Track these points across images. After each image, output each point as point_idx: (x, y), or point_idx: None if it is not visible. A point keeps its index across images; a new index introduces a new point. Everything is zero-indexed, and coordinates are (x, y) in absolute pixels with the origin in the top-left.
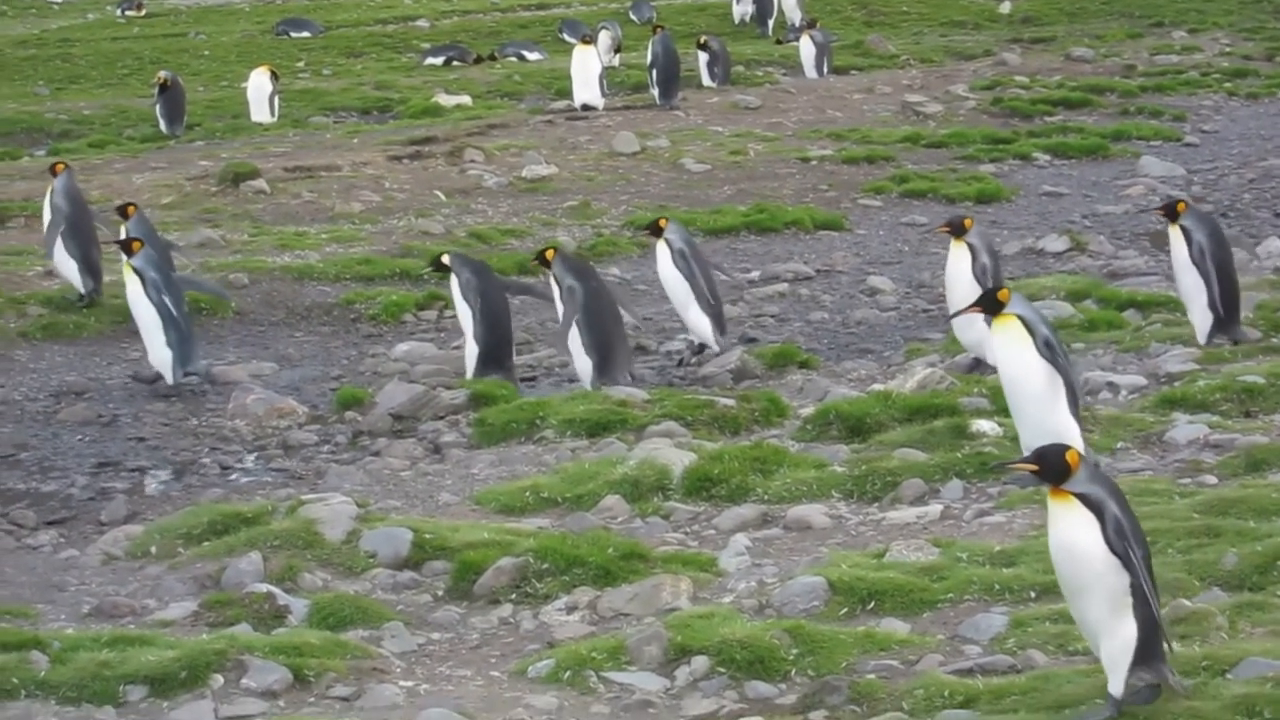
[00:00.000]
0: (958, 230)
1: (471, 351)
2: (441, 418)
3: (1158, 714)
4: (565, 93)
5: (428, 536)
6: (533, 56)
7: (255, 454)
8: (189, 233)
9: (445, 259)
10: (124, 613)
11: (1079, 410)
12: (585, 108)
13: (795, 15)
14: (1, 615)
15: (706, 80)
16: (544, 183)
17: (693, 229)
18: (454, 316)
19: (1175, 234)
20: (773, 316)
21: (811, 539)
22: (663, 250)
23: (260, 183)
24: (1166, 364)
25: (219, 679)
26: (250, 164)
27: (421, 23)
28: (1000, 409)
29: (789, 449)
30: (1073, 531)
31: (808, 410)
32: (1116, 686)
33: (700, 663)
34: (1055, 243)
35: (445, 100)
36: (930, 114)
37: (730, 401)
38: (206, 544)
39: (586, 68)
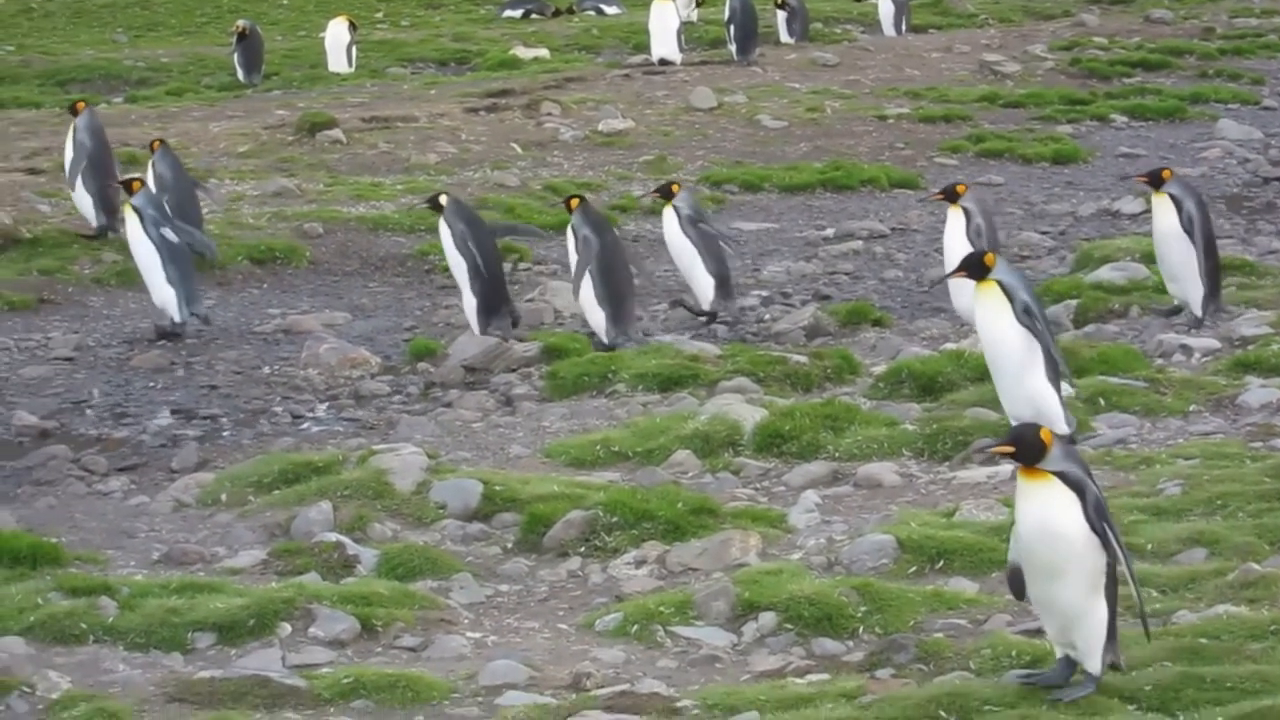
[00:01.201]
0: (952, 196)
1: (470, 304)
2: (514, 370)
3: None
4: (643, 47)
5: (498, 488)
6: (611, 10)
7: (327, 403)
8: (265, 181)
9: (443, 200)
10: (193, 560)
11: (1059, 378)
12: (663, 62)
13: None
14: (71, 561)
15: (784, 37)
16: (620, 137)
17: (768, 185)
18: (529, 269)
19: (1162, 202)
20: (846, 274)
21: (881, 497)
22: (670, 216)
23: (336, 133)
24: (1240, 327)
25: (287, 627)
26: (327, 114)
27: None
28: (1073, 370)
29: (860, 406)
30: (1052, 511)
31: (880, 368)
32: (1095, 665)
33: (768, 619)
34: (1131, 204)
35: (523, 53)
36: (1008, 74)
37: (802, 358)
38: (277, 492)
39: (664, 22)
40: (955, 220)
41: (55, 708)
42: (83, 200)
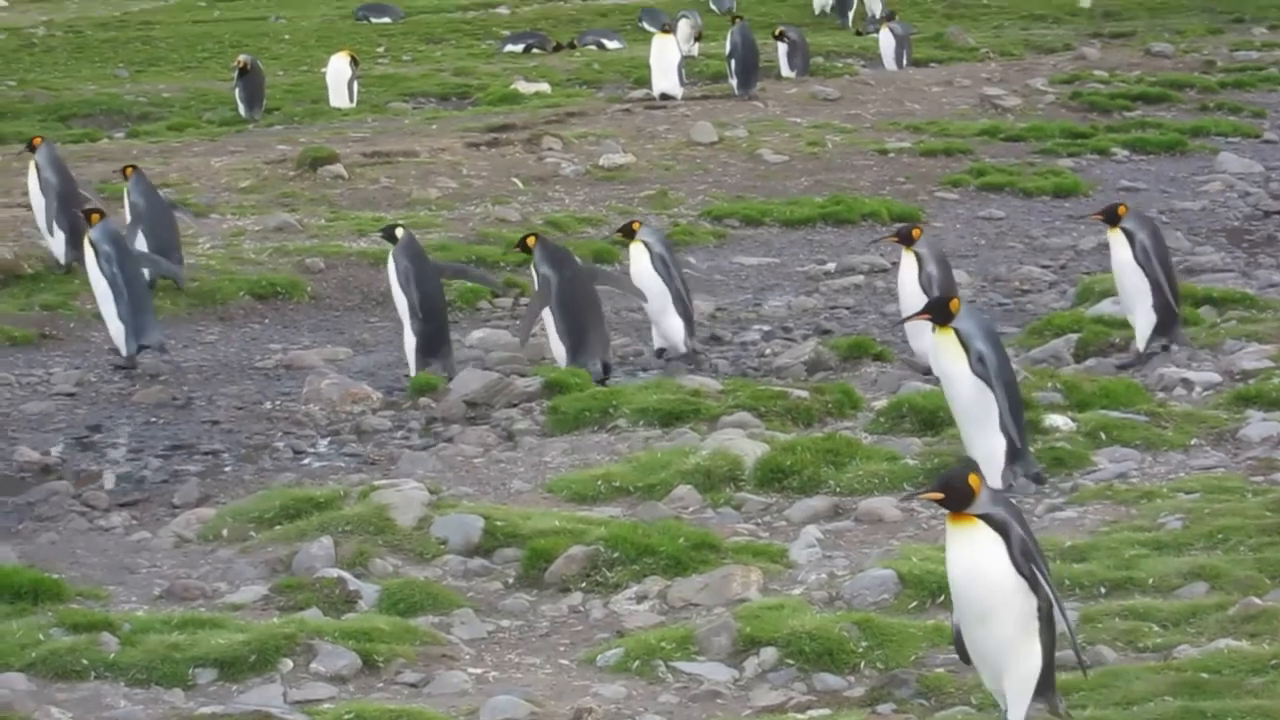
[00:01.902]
0: (906, 239)
1: (409, 342)
2: (515, 405)
3: None
4: (644, 81)
5: (499, 524)
6: (612, 45)
7: (328, 439)
8: (266, 216)
9: (398, 233)
10: (195, 595)
11: (1021, 424)
12: (664, 97)
13: (875, 7)
14: (73, 596)
15: (785, 71)
16: (621, 171)
17: (769, 219)
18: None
19: (1117, 237)
20: (847, 308)
21: (883, 532)
22: (639, 253)
23: (338, 168)
24: (1241, 360)
25: (288, 663)
26: (328, 149)
27: (501, 9)
28: (1074, 404)
29: (862, 441)
30: (978, 554)
31: (881, 402)
32: (1018, 715)
33: (769, 654)
34: None
35: (524, 87)
36: (1009, 107)
37: (804, 393)
38: (278, 528)
39: (665, 57)
40: (909, 265)
41: None
42: (56, 240)
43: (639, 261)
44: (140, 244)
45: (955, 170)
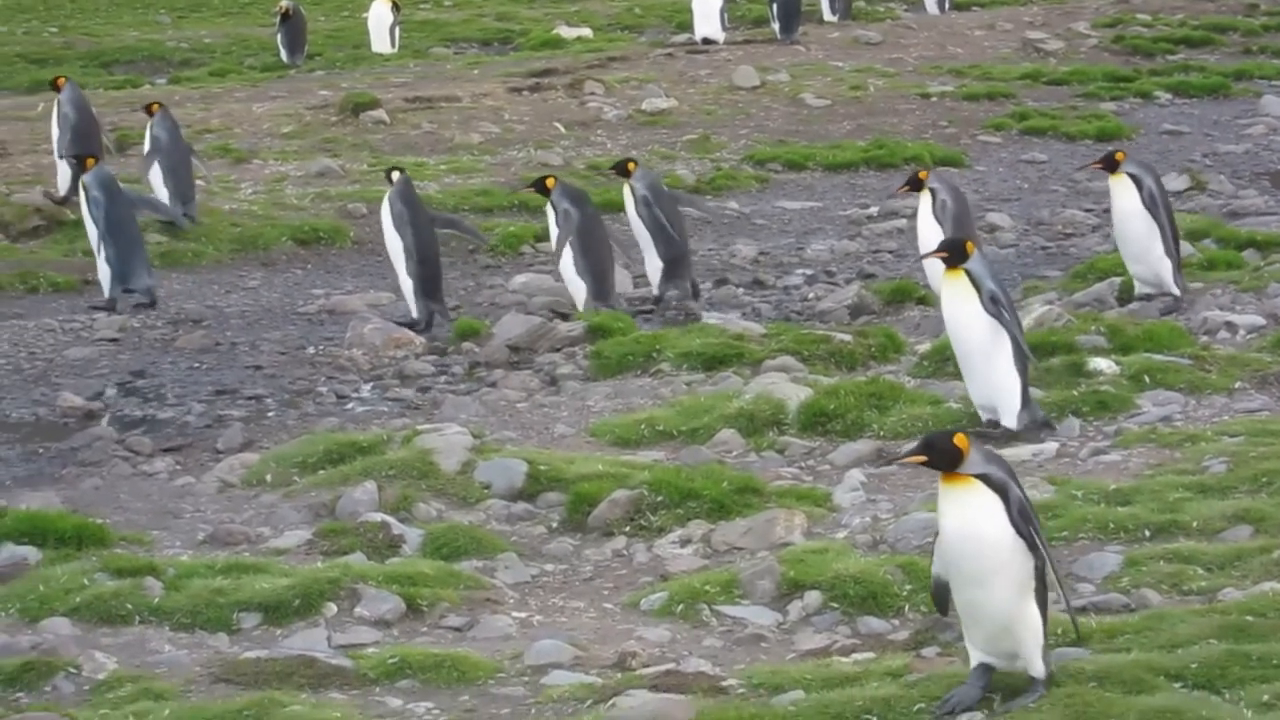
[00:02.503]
0: (916, 185)
1: (406, 285)
2: (558, 350)
3: None
4: (686, 26)
5: (543, 468)
6: None
7: (371, 384)
8: (308, 162)
9: (394, 175)
10: (238, 540)
11: (1026, 367)
12: (706, 41)
13: None
14: (117, 541)
15: (828, 15)
16: (663, 116)
17: (812, 164)
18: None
19: (1120, 183)
20: (890, 252)
21: (926, 475)
22: (627, 195)
23: (380, 113)
24: None
25: (332, 607)
26: (370, 94)
27: None
28: (1117, 347)
29: (905, 385)
30: (976, 515)
31: (924, 346)
32: (1039, 669)
33: (813, 597)
34: (1175, 181)
35: (566, 32)
36: (1051, 51)
37: (847, 337)
38: (322, 473)
39: (708, 1)
40: (924, 201)
41: (101, 688)
42: (62, 170)
43: (627, 203)
44: (156, 175)
45: (998, 114)
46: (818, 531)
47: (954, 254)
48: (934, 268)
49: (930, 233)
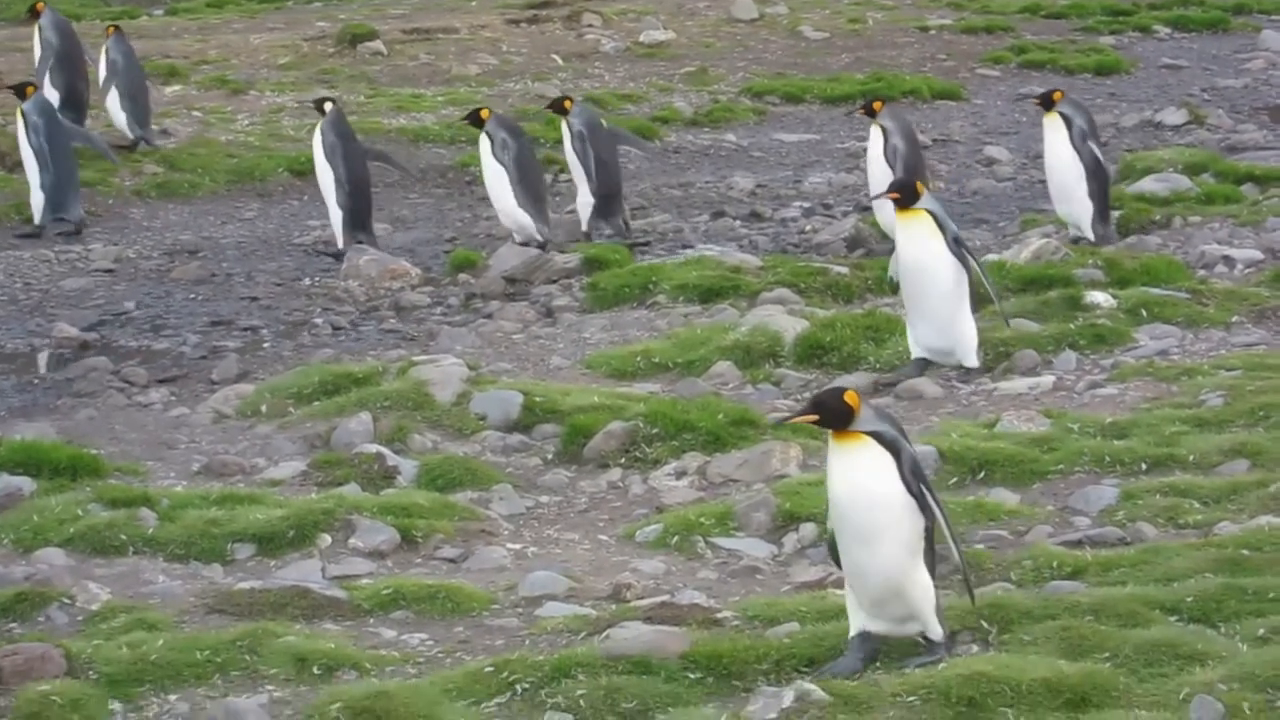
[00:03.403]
0: (869, 111)
1: (336, 216)
2: (554, 281)
3: None
4: None
5: (538, 399)
6: None
7: (367, 315)
8: (305, 93)
9: (327, 106)
10: (233, 471)
11: (975, 309)
12: None
13: None
14: (111, 472)
15: None
16: (661, 48)
17: (810, 96)
18: (569, 180)
19: (1052, 121)
20: None
21: (923, 408)
22: (564, 131)
23: (377, 44)
24: None
25: (327, 538)
26: (368, 25)
27: None
28: (1114, 280)
29: (901, 317)
30: (867, 473)
31: None
32: (936, 631)
33: (808, 530)
34: (1174, 115)
35: None
36: None
37: (844, 269)
38: (317, 404)
39: None
40: (875, 138)
41: (95, 619)
42: (50, 96)
43: (564, 139)
44: (114, 101)
45: (996, 47)
46: (813, 464)
47: (905, 194)
48: (885, 207)
49: (880, 172)
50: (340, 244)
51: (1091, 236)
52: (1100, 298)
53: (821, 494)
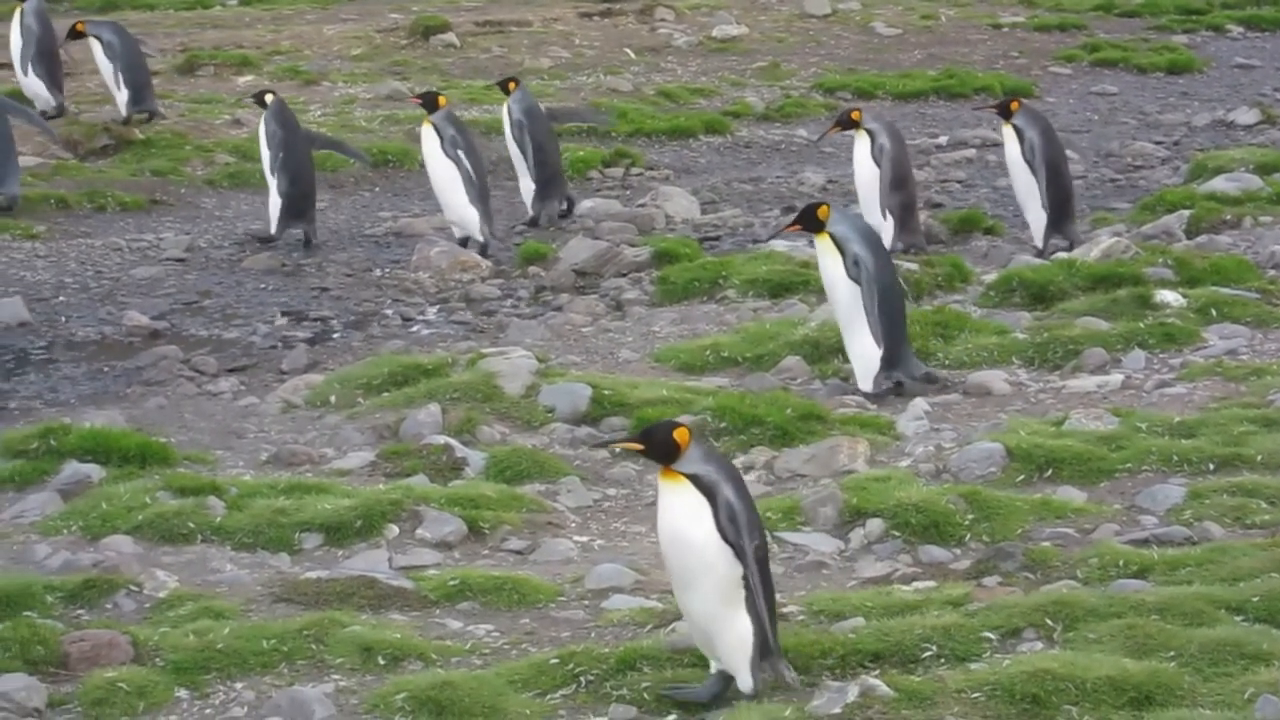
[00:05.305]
0: (847, 124)
1: (275, 204)
2: (624, 274)
3: None
4: None
5: (606, 392)
6: None
7: (437, 306)
8: (377, 84)
9: (268, 98)
10: (301, 461)
11: (899, 328)
12: None
13: None
14: (180, 460)
15: None
16: (734, 43)
17: (881, 92)
18: (640, 174)
19: (1008, 132)
20: (959, 182)
21: (990, 405)
22: (505, 117)
23: (450, 36)
24: None
25: (394, 529)
26: (441, 17)
27: None
28: (1184, 280)
29: (971, 314)
30: (682, 517)
31: (991, 276)
32: (745, 683)
33: (875, 525)
34: (1246, 115)
35: None
36: None
37: (913, 266)
38: (386, 394)
39: None
40: (861, 142)
41: (162, 606)
42: (34, 84)
43: (504, 124)
44: (113, 77)
45: (1069, 45)
46: (881, 460)
47: (808, 222)
48: (868, 204)
49: (868, 174)
50: (273, 230)
51: (1039, 245)
52: (1170, 297)
53: (889, 489)
